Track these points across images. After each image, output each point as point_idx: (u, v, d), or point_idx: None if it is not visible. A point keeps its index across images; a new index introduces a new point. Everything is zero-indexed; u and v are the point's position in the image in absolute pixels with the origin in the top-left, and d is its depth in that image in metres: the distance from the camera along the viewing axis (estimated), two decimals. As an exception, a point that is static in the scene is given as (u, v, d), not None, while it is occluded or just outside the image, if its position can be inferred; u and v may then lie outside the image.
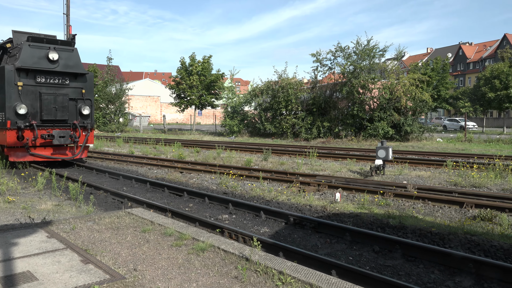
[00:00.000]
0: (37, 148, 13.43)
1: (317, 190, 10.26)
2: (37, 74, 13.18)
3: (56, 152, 13.90)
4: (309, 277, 3.87)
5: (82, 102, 14.10)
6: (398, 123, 27.39)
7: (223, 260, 4.44)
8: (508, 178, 11.44)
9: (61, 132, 13.47)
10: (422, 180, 11.70)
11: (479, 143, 25.44)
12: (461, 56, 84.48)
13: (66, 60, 13.77)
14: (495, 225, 7.00)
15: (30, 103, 13.06)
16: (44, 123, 13.32)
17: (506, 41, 73.58)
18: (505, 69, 41.49)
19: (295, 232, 6.68)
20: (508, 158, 16.00)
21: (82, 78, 14.12)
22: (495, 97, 41.56)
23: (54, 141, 13.36)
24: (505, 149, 21.19)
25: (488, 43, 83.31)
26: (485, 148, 22.09)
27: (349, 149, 21.57)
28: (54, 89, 13.49)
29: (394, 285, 4.24)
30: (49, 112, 13.29)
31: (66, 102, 13.64)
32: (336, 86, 30.67)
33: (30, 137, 13.02)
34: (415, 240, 6.07)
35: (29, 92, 13.06)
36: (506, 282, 4.60)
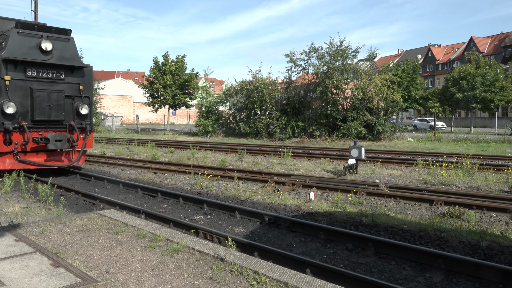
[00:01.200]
0: (28, 154, 11.39)
1: (291, 189, 10.33)
2: (27, 67, 11.20)
3: (51, 158, 11.89)
4: (284, 276, 3.89)
5: (80, 100, 12.17)
6: (371, 123, 27.88)
7: (197, 261, 4.41)
8: (475, 176, 11.82)
9: (57, 135, 11.45)
10: (394, 179, 11.94)
11: (447, 142, 26.19)
12: (431, 58, 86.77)
13: (61, 51, 11.87)
14: (463, 222, 7.22)
15: (19, 100, 11.06)
16: (35, 124, 11.37)
17: (473, 44, 76.04)
18: (472, 71, 42.89)
19: (270, 232, 6.70)
20: (475, 156, 16.54)
21: (80, 72, 12.20)
22: (462, 98, 42.91)
23: (49, 146, 11.28)
24: (472, 148, 21.90)
25: (456, 45, 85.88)
26: (454, 147, 22.76)
27: (323, 149, 21.81)
28: (47, 84, 11.51)
29: (367, 282, 4.31)
30: (42, 111, 11.32)
31: (61, 99, 11.67)
32: (310, 86, 30.97)
33: (20, 141, 11.09)
34: (387, 237, 6.19)
35: (18, 88, 11.06)
36: (473, 276, 4.75)
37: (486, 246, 5.64)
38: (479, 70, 42.86)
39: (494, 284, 4.56)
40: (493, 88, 42.32)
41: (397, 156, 17.98)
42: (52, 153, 11.90)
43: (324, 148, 22.15)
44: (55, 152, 11.95)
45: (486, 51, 73.95)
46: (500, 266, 4.72)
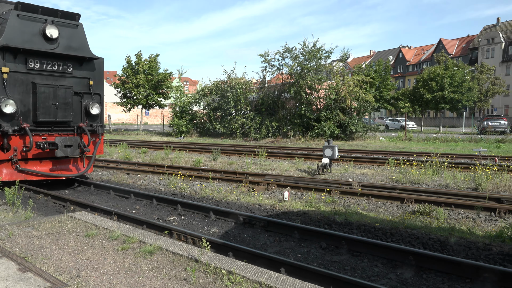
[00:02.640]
0: (30, 162, 9.53)
1: (266, 189, 10.36)
2: (29, 57, 9.31)
3: (57, 167, 10.00)
4: (258, 275, 3.90)
5: (90, 98, 10.32)
6: (344, 122, 28.28)
7: (171, 263, 4.36)
8: (444, 174, 12.16)
9: (67, 140, 9.51)
10: (366, 178, 12.15)
11: (418, 142, 26.85)
12: (401, 59, 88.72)
13: (68, 39, 10.01)
14: (433, 219, 7.41)
15: (20, 98, 9.16)
16: (38, 127, 9.49)
17: (442, 46, 78.20)
18: (441, 72, 44.11)
19: (245, 232, 6.70)
20: (444, 155, 17.01)
21: (90, 65, 10.37)
22: (432, 98, 44.07)
23: (58, 153, 9.30)
24: (441, 147, 22.52)
25: (425, 47, 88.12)
26: (424, 146, 23.35)
27: (297, 148, 21.98)
28: (52, 79, 9.67)
29: (340, 279, 4.37)
30: (46, 111, 9.42)
31: (69, 97, 9.78)
32: (284, 87, 31.15)
33: (20, 146, 9.20)
34: (360, 235, 6.29)
35: (17, 83, 9.16)
36: (443, 272, 4.88)
37: (454, 242, 5.80)
38: (448, 72, 44.12)
39: (462, 279, 4.71)
40: (460, 89, 43.65)
41: (369, 155, 18.31)
42: (58, 161, 10.05)
43: (298, 148, 22.32)
44: (61, 160, 10.07)
45: (454, 53, 76.19)
46: (467, 261, 4.86)
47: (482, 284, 4.50)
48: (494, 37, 69.05)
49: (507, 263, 5.09)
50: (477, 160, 15.17)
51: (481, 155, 16.89)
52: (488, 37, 70.23)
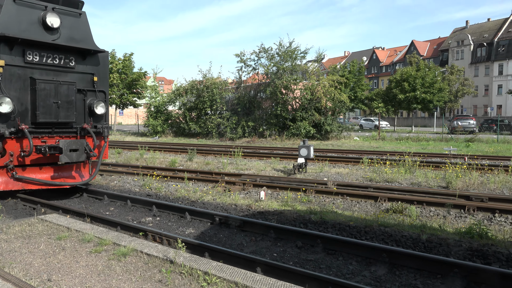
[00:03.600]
0: (28, 169, 8.34)
1: (242, 189, 10.36)
2: (27, 49, 8.12)
3: (59, 174, 8.80)
4: (234, 275, 3.89)
5: (94, 96, 9.17)
6: (319, 122, 28.57)
7: (146, 264, 4.30)
8: (416, 173, 12.44)
9: (73, 143, 8.29)
10: (341, 177, 12.31)
11: (391, 141, 27.39)
12: (375, 60, 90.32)
13: (70, 29, 8.88)
14: (405, 217, 7.57)
15: (16, 95, 7.98)
16: (38, 128, 8.31)
17: (414, 47, 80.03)
18: (413, 73, 45.15)
19: (221, 232, 6.68)
20: (416, 154, 17.41)
21: (94, 59, 9.24)
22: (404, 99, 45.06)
23: (62, 158, 8.07)
24: (413, 146, 23.04)
25: (398, 48, 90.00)
26: (397, 146, 23.83)
27: (273, 148, 22.06)
28: (53, 74, 8.50)
29: (315, 278, 4.41)
30: (47, 110, 8.23)
31: (72, 95, 8.62)
32: (260, 87, 31.24)
33: (16, 150, 8.01)
34: (335, 234, 6.37)
35: (14, 78, 7.97)
36: (415, 268, 5.00)
37: (426, 239, 5.94)
38: (419, 73, 45.19)
39: (433, 275, 4.83)
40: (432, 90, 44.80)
41: (344, 154, 18.55)
42: (60, 167, 8.85)
43: (274, 148, 22.41)
44: (63, 166, 8.87)
45: (425, 54, 78.12)
46: (438, 257, 4.99)
47: (452, 279, 4.63)
48: (464, 39, 71.18)
49: (476, 259, 5.25)
50: (447, 159, 15.59)
51: (451, 154, 17.37)
52: (458, 39, 72.33)
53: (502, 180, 10.88)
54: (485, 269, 4.63)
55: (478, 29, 71.99)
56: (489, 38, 68.04)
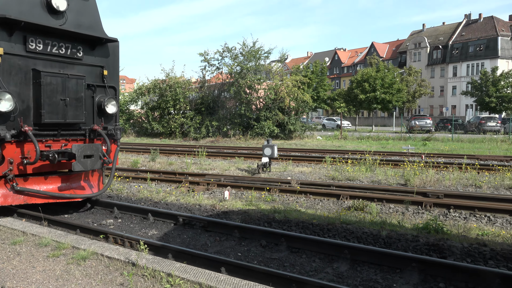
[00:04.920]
0: (31, 179, 6.95)
1: (206, 189, 10.29)
2: (29, 35, 6.68)
3: (67, 184, 7.45)
4: (198, 276, 3.86)
5: (103, 93, 7.80)
6: (283, 122, 28.83)
7: (107, 268, 4.20)
8: (377, 171, 12.80)
9: (87, 148, 6.91)
10: (305, 176, 12.48)
11: (352, 140, 28.03)
12: (337, 61, 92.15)
13: (78, 14, 7.47)
14: (366, 214, 7.77)
15: (17, 90, 6.56)
16: (42, 130, 6.88)
17: (374, 49, 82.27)
18: (373, 74, 46.44)
19: (185, 233, 6.61)
20: (376, 153, 17.91)
21: (103, 50, 7.81)
22: (365, 99, 46.28)
23: (75, 166, 6.70)
24: (374, 145, 23.69)
25: (359, 49, 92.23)
26: (358, 145, 24.42)
27: (237, 148, 22.06)
28: (58, 66, 7.07)
29: (279, 276, 4.45)
30: (54, 109, 6.84)
31: (81, 91, 7.24)
32: (224, 86, 31.16)
33: (17, 157, 6.60)
34: (298, 232, 6.44)
35: (14, 70, 6.53)
36: (375, 264, 5.14)
37: (385, 235, 6.12)
38: (379, 73, 46.53)
39: (393, 269, 4.98)
40: (391, 90, 46.24)
41: (307, 154, 18.81)
42: (67, 176, 7.50)
43: (239, 147, 22.41)
44: (70, 175, 7.53)
45: (385, 56, 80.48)
46: (397, 252, 5.16)
47: (410, 273, 4.80)
48: (421, 42, 73.88)
49: (432, 253, 5.47)
50: (406, 157, 16.12)
51: (409, 152, 17.98)
52: (415, 41, 75.00)
53: (456, 177, 11.37)
54: (440, 262, 4.82)
55: (434, 32, 74.94)
56: (444, 41, 70.98)
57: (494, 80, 46.31)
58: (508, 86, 45.74)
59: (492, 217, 7.58)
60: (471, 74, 63.92)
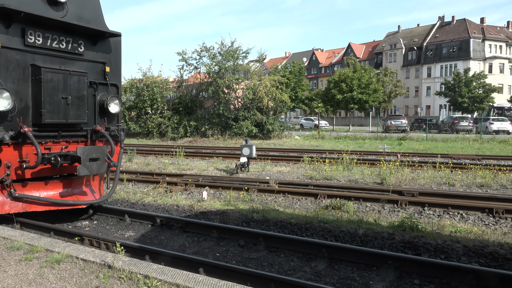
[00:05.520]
0: (30, 185, 6.41)
1: (184, 189, 10.22)
2: (28, 28, 6.18)
3: (70, 190, 6.91)
4: (176, 277, 3.83)
5: (105, 91, 7.29)
6: (261, 122, 28.89)
7: (82, 270, 4.11)
8: (354, 170, 12.96)
9: (93, 151, 6.44)
10: (283, 175, 12.53)
11: (330, 140, 28.33)
12: (315, 61, 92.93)
13: (79, 5, 6.97)
14: (344, 213, 7.87)
15: (15, 88, 6.04)
16: (42, 131, 6.37)
17: (350, 49, 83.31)
18: (350, 74, 47.05)
19: (162, 234, 6.55)
20: (353, 152, 18.14)
21: (105, 44, 7.33)
22: (342, 99, 46.84)
23: (81, 170, 6.22)
24: (351, 145, 23.99)
25: (336, 50, 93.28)
26: (335, 144, 24.69)
27: (216, 148, 21.99)
28: (58, 61, 6.58)
29: (257, 275, 4.46)
30: (54, 108, 6.34)
31: (84, 88, 6.74)
32: (202, 86, 31.00)
33: (15, 161, 6.08)
34: (276, 231, 6.47)
35: (11, 65, 6.03)
36: (352, 262, 5.20)
37: (362, 233, 6.21)
38: (356, 74, 47.18)
39: (369, 267, 5.05)
40: (367, 90, 46.94)
41: (285, 153, 18.90)
42: (68, 181, 6.93)
43: (217, 147, 22.34)
44: (72, 179, 6.97)
45: (361, 56, 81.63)
46: (373, 250, 5.24)
47: (386, 270, 4.88)
48: (396, 43, 75.24)
49: (408, 250, 5.57)
50: (382, 157, 16.38)
51: (385, 151, 18.29)
52: (391, 43, 76.33)
53: (430, 176, 11.63)
54: (415, 259, 4.93)
55: (409, 34, 76.43)
56: (419, 42, 72.48)
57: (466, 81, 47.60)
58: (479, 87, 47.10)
59: (465, 215, 7.78)
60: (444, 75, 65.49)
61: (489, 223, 7.31)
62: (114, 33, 7.33)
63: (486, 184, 10.78)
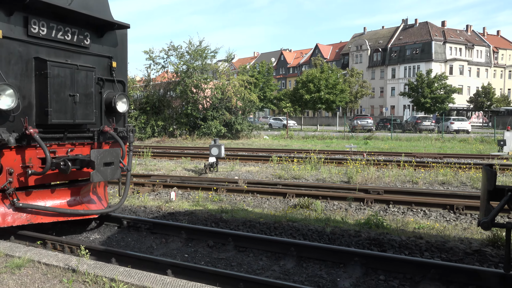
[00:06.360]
0: (34, 193, 5.75)
1: (152, 190, 10.06)
2: (32, 16, 5.49)
3: (79, 198, 6.29)
4: (143, 280, 3.77)
5: (111, 88, 6.65)
6: (230, 122, 28.85)
7: (44, 275, 3.98)
8: (321, 169, 13.14)
9: (107, 154, 5.75)
10: (252, 175, 12.56)
11: (298, 140, 28.61)
12: (283, 61, 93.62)
13: None
14: (312, 211, 7.96)
15: (17, 84, 5.35)
16: (47, 132, 5.71)
17: (318, 50, 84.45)
18: (317, 75, 47.69)
19: (129, 236, 6.42)
20: (321, 152, 18.40)
21: (111, 37, 6.67)
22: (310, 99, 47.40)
23: (95, 176, 5.57)
24: (318, 144, 24.32)
25: (304, 50, 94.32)
26: (303, 144, 24.96)
27: (184, 148, 21.78)
28: (63, 55, 5.92)
29: (226, 276, 4.45)
30: (61, 107, 5.70)
31: (91, 85, 6.12)
32: (170, 85, 30.62)
33: (17, 166, 5.43)
34: (245, 231, 6.47)
35: (13, 58, 5.34)
36: (320, 260, 5.27)
37: (330, 231, 6.31)
38: (323, 74, 47.87)
39: (337, 264, 5.14)
40: (334, 91, 47.73)
41: (254, 153, 18.95)
42: (77, 188, 6.28)
43: (185, 147, 22.14)
44: (79, 186, 6.32)
45: (329, 57, 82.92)
46: (340, 248, 5.33)
47: (353, 267, 4.97)
48: (362, 44, 76.88)
49: (373, 247, 5.70)
50: (349, 156, 16.69)
51: (352, 151, 18.64)
52: (357, 44, 77.93)
53: (395, 174, 11.96)
54: (380, 256, 5.05)
55: (374, 36, 78.25)
56: (384, 44, 74.35)
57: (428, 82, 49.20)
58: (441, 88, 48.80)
59: (427, 211, 8.04)
60: (408, 76, 67.48)
61: (450, 219, 7.58)
62: (123, 24, 6.63)
63: (447, 181, 11.18)
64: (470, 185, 10.81)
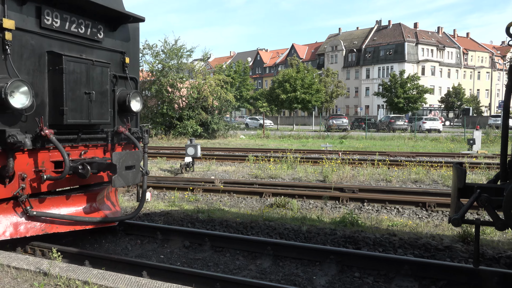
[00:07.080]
0: (48, 199, 5.35)
1: (126, 191, 9.90)
2: (45, 7, 5.01)
3: (95, 205, 5.88)
4: (117, 282, 3.70)
5: (124, 85, 6.20)
6: (206, 121, 28.70)
7: (14, 280, 3.86)
8: (297, 168, 13.24)
9: (129, 157, 5.37)
10: (228, 175, 12.53)
11: (275, 139, 28.73)
12: (259, 61, 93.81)
13: None
14: (288, 210, 8.01)
15: (30, 79, 4.84)
16: (61, 133, 5.22)
17: (294, 50, 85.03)
18: (294, 74, 48.02)
19: (103, 237, 6.30)
20: (297, 151, 18.53)
21: (124, 31, 6.24)
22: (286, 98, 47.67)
23: (117, 181, 5.17)
24: (295, 144, 24.49)
25: (280, 50, 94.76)
26: (280, 143, 25.08)
27: (160, 148, 21.55)
28: (77, 49, 5.45)
29: (202, 276, 4.43)
30: (77, 105, 5.23)
31: (106, 82, 5.67)
32: (145, 84, 30.21)
33: (30, 171, 4.98)
34: (222, 231, 6.45)
35: (26, 52, 4.85)
36: (296, 258, 5.31)
37: (306, 230, 6.36)
38: (299, 74, 48.23)
39: (312, 263, 5.19)
40: (310, 91, 48.15)
41: (231, 153, 18.92)
42: (92, 194, 5.86)
43: (161, 147, 21.90)
44: (94, 192, 5.89)
45: (305, 57, 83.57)
46: (316, 246, 5.39)
47: (329, 265, 5.03)
48: (337, 45, 77.82)
49: (348, 244, 5.78)
50: (324, 155, 16.87)
51: (327, 150, 18.85)
52: (332, 44, 78.84)
53: (369, 173, 12.15)
54: (355, 253, 5.12)
55: (349, 36, 79.33)
56: (358, 45, 75.47)
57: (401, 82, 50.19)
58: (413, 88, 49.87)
59: (401, 209, 8.21)
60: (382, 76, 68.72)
61: (423, 216, 7.77)
62: (139, 17, 6.14)
63: (419, 179, 11.44)
64: (441, 183, 11.09)
